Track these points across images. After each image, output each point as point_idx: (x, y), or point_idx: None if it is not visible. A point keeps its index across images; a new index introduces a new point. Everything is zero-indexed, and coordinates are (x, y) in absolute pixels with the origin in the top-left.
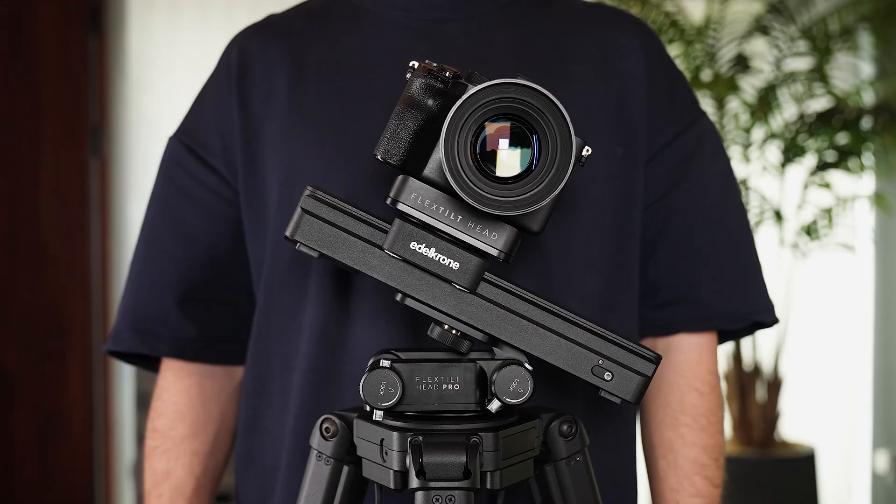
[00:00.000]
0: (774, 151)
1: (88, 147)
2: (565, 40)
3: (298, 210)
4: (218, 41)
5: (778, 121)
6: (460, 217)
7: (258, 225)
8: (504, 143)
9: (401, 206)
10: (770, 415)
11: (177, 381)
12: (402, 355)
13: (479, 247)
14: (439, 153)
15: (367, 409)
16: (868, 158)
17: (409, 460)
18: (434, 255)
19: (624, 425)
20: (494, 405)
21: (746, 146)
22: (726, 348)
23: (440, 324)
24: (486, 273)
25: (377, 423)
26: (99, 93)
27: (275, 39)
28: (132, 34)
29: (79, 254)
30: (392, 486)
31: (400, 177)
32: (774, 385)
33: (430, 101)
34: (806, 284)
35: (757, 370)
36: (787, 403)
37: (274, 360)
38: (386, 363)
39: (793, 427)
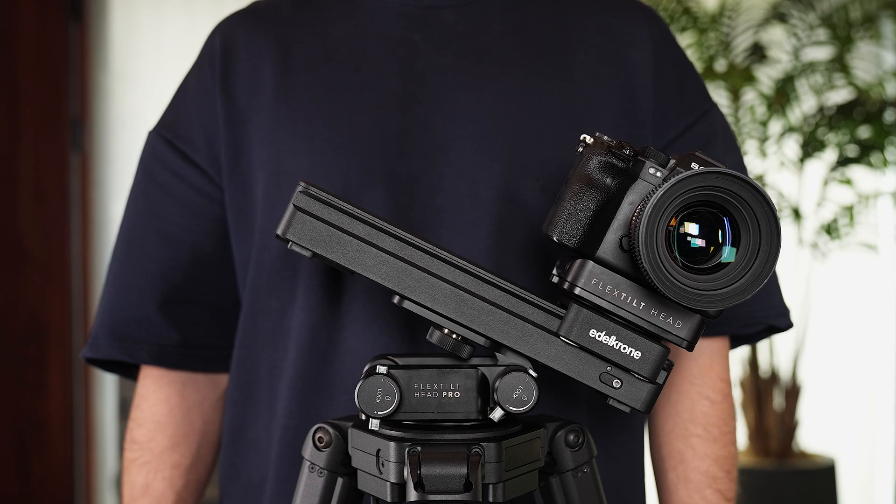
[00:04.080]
0: (792, 146)
1: (68, 141)
2: (568, 28)
3: (291, 207)
4: (205, 31)
5: (796, 113)
6: (643, 304)
7: (244, 224)
8: (700, 231)
9: (579, 291)
10: (788, 424)
11: (157, 390)
12: (400, 361)
13: (663, 336)
14: (638, 246)
15: (363, 417)
16: (891, 153)
17: (406, 472)
18: (615, 343)
19: (633, 435)
20: (497, 414)
21: (763, 140)
22: (742, 354)
23: (440, 327)
24: (487, 273)
25: (373, 432)
26: (80, 84)
27: (261, 27)
28: (115, 23)
29: (58, 253)
30: (389, 500)
31: (578, 261)
32: (792, 392)
33: (608, 180)
34: (826, 286)
35: (774, 377)
36: (806, 412)
37: (260, 366)
38: (382, 369)
39: (812, 437)
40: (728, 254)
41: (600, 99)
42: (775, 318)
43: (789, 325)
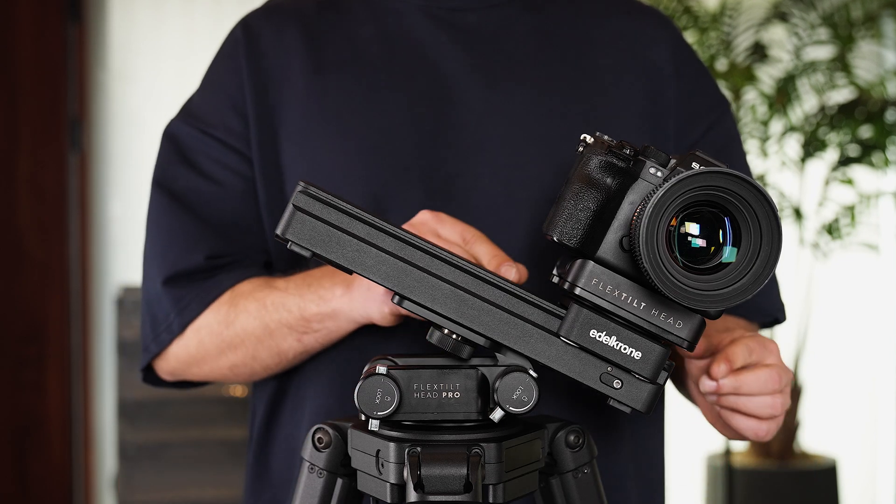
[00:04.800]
0: (794, 145)
1: (67, 141)
2: (590, 31)
3: (290, 207)
4: (204, 29)
5: (797, 113)
6: (644, 304)
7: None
8: (701, 230)
9: (579, 292)
10: (789, 424)
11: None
12: (400, 361)
13: (664, 336)
14: (639, 246)
15: (363, 418)
16: (893, 153)
17: (406, 472)
18: (615, 343)
19: (659, 432)
20: (497, 414)
21: (764, 140)
22: None
23: (440, 328)
24: (487, 273)
25: (373, 433)
26: (78, 84)
27: (286, 25)
28: (114, 22)
29: (57, 254)
30: (389, 500)
31: (578, 261)
32: (794, 393)
33: (608, 180)
34: (827, 286)
35: None
36: (808, 412)
37: (299, 365)
38: (382, 369)
39: (813, 437)
40: (729, 254)
41: (624, 101)
42: (779, 312)
43: (786, 318)
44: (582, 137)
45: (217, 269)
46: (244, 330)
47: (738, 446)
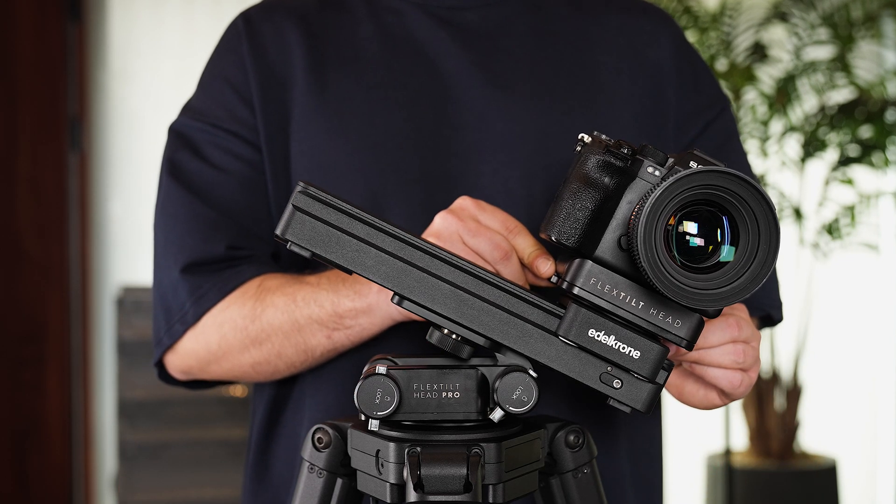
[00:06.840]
0: (794, 145)
1: (67, 140)
2: (589, 29)
3: (290, 207)
4: (204, 29)
5: (797, 113)
6: (642, 304)
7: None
8: (699, 230)
9: (577, 291)
10: (789, 424)
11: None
12: (400, 361)
13: (663, 335)
14: (637, 245)
15: (362, 418)
16: (892, 153)
17: (406, 472)
18: (614, 343)
19: (657, 432)
20: (497, 414)
21: (764, 140)
22: None
23: (439, 328)
24: (487, 273)
25: (373, 433)
26: (78, 83)
27: (288, 23)
28: (114, 21)
29: (56, 254)
30: (388, 500)
31: (576, 261)
32: (794, 393)
33: (606, 179)
34: (827, 286)
35: (775, 377)
36: (808, 412)
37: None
38: (382, 369)
39: (813, 437)
40: (727, 253)
41: (624, 98)
42: (773, 309)
43: (781, 319)
44: (580, 137)
45: (237, 259)
46: (271, 325)
47: (738, 446)
